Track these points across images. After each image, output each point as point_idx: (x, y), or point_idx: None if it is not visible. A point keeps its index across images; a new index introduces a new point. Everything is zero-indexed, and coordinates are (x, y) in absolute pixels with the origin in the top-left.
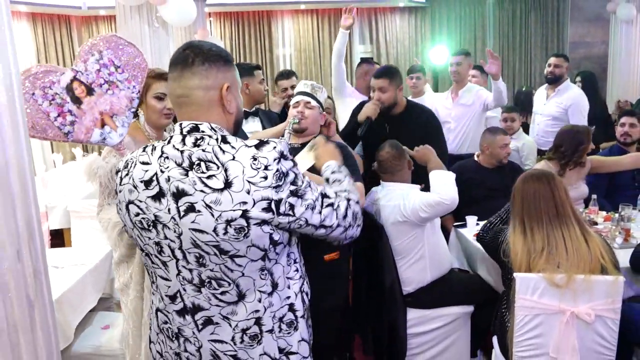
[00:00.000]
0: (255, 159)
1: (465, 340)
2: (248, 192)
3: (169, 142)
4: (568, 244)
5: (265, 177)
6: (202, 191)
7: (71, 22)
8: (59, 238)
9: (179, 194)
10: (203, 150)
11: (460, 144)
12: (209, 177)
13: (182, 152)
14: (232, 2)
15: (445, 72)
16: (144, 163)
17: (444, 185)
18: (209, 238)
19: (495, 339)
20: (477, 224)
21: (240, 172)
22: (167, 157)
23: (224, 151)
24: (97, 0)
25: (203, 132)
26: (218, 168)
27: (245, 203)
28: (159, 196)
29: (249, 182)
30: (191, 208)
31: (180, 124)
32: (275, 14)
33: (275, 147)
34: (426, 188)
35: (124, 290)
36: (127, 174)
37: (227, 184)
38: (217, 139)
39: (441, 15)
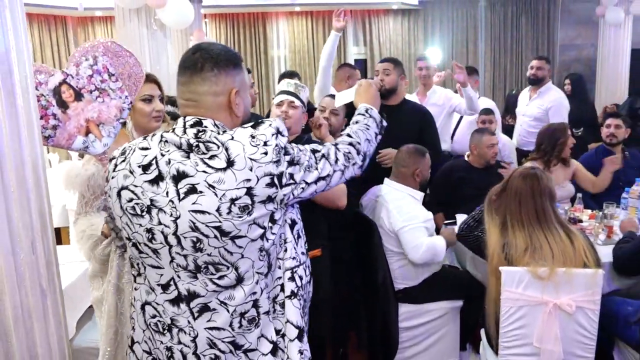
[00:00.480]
0: (253, 137)
1: (454, 334)
2: (251, 169)
3: (171, 132)
4: (554, 246)
5: (266, 153)
6: (204, 172)
7: (67, 23)
8: (56, 236)
9: (179, 176)
10: (202, 137)
11: None
12: (210, 157)
13: (181, 137)
14: (228, 4)
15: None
16: (143, 148)
17: (425, 251)
18: (211, 219)
19: (483, 332)
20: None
21: (242, 150)
22: (167, 141)
23: (223, 133)
24: (94, 1)
25: (206, 126)
26: (219, 148)
27: (249, 180)
28: (157, 180)
29: (250, 159)
30: (192, 189)
31: (184, 118)
32: (270, 16)
33: (271, 124)
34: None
35: (98, 305)
36: (123, 160)
37: (230, 163)
38: (218, 132)
39: (434, 17)
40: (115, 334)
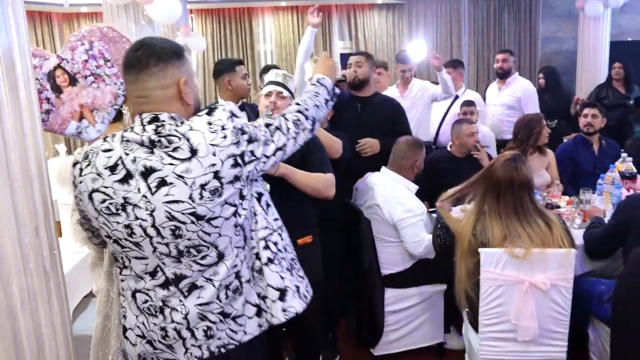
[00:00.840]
0: (210, 124)
1: (438, 317)
2: (214, 154)
3: (130, 131)
4: (533, 236)
5: (225, 137)
6: (170, 164)
7: (52, 19)
8: None
9: (147, 172)
10: (162, 132)
11: (414, 133)
12: (174, 149)
13: (141, 135)
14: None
15: (419, 67)
16: (106, 150)
17: (425, 247)
18: (186, 206)
19: (465, 312)
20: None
21: (202, 138)
22: (129, 141)
23: (181, 124)
24: None
25: (163, 121)
26: (180, 139)
27: (214, 165)
28: (126, 178)
29: (212, 145)
30: (162, 182)
31: (140, 115)
32: (256, 11)
33: (224, 109)
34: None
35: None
36: (88, 164)
37: (193, 152)
38: (176, 125)
39: (418, 11)
40: (106, 319)
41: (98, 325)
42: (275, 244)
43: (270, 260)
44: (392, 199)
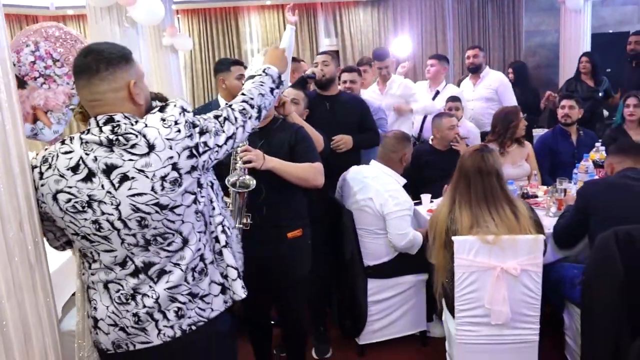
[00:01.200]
0: (164, 120)
1: (421, 306)
2: (171, 148)
3: (87, 133)
4: (498, 222)
5: (179, 131)
6: (130, 160)
7: (38, 22)
8: None
9: (108, 169)
10: (119, 131)
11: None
12: (132, 146)
13: (99, 135)
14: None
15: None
16: (66, 152)
17: (408, 241)
18: (149, 198)
19: (443, 300)
20: (432, 202)
21: (157, 134)
22: (88, 142)
23: (136, 123)
24: (65, 0)
25: (118, 121)
26: (137, 136)
27: (171, 158)
28: (89, 177)
29: (167, 139)
30: (125, 177)
31: (96, 117)
32: (242, 10)
33: (175, 105)
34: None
35: None
36: (48, 167)
37: (151, 147)
38: (131, 123)
39: (402, 8)
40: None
41: (79, 321)
42: (228, 228)
43: (227, 244)
44: (385, 192)
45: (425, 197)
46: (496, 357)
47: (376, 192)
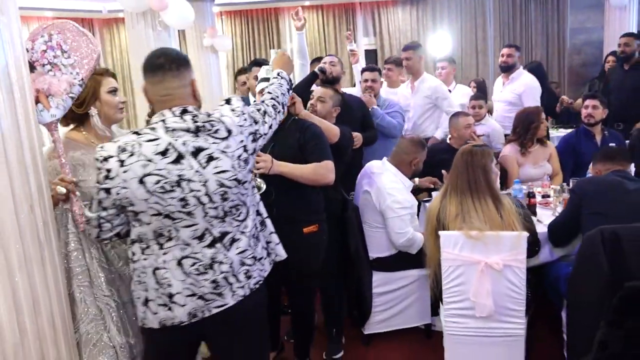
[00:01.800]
0: (234, 110)
1: (425, 300)
2: (241, 133)
3: (163, 122)
4: (480, 212)
5: (246, 119)
6: (214, 143)
7: (94, 25)
8: None
9: (197, 151)
10: (202, 118)
11: (414, 126)
12: (215, 131)
13: (186, 123)
14: (241, 1)
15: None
16: (150, 140)
17: (406, 240)
18: (231, 174)
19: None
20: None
21: (232, 122)
22: (175, 130)
23: (212, 113)
24: (117, 4)
25: (192, 111)
26: (218, 123)
27: (242, 141)
28: (178, 159)
29: (239, 126)
30: (211, 158)
31: (170, 109)
32: (282, 11)
33: (237, 99)
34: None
35: None
36: (130, 155)
37: (229, 132)
38: (207, 113)
39: (442, 5)
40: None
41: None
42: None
43: (267, 216)
44: (384, 188)
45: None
46: (484, 350)
47: (377, 187)
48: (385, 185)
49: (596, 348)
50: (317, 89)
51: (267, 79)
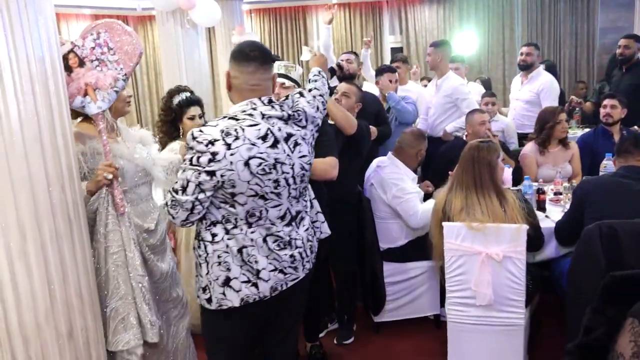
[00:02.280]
0: (309, 102)
1: (434, 291)
2: (312, 123)
3: (255, 109)
4: (483, 207)
5: (315, 111)
6: (298, 130)
7: (129, 22)
8: None
9: (288, 137)
10: (288, 107)
11: (432, 124)
12: (299, 120)
13: (280, 111)
14: None
15: (470, 60)
16: (251, 125)
17: (421, 216)
18: (308, 159)
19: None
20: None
21: (309, 112)
22: (270, 117)
23: (297, 104)
24: (150, 2)
25: (276, 101)
26: (302, 113)
27: (312, 130)
28: (275, 144)
29: (313, 116)
30: (296, 143)
31: (260, 98)
32: (310, 9)
33: (308, 93)
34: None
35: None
36: (236, 138)
37: (307, 121)
38: (288, 104)
39: (469, 4)
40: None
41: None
42: None
43: (313, 197)
44: (388, 180)
45: None
46: (485, 338)
47: (381, 179)
48: (390, 177)
49: (581, 333)
50: (342, 85)
51: (279, 75)
